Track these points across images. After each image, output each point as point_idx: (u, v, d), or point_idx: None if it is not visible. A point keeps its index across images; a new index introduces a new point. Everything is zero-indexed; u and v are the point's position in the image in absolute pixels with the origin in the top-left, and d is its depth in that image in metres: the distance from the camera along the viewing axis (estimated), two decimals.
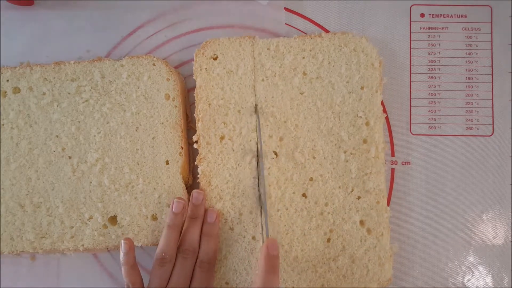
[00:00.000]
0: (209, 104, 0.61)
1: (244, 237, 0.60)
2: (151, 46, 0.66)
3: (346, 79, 0.61)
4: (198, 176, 0.60)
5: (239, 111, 0.61)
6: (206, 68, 0.61)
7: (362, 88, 0.61)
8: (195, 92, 0.61)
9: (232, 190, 0.60)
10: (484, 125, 0.65)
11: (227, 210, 0.60)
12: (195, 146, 0.61)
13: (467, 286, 0.63)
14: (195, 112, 0.61)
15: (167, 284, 0.56)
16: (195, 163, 0.61)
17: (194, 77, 0.61)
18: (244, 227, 0.60)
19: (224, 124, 0.61)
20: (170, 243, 0.56)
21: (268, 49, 0.62)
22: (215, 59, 0.62)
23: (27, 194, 0.61)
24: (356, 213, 0.60)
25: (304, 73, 0.61)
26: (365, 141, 0.60)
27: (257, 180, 0.60)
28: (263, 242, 0.59)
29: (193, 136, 0.61)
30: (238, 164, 0.60)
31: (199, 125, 0.61)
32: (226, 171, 0.60)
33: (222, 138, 0.61)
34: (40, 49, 0.66)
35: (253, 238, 0.60)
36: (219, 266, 0.59)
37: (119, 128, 0.62)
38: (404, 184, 0.65)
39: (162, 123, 0.61)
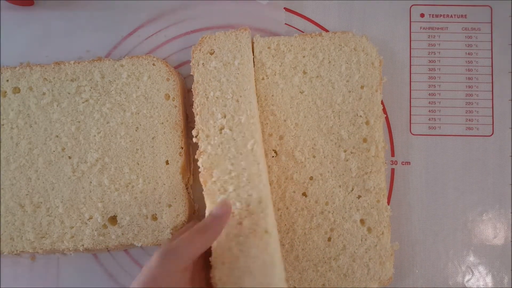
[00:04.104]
0: (206, 98, 0.59)
1: (255, 231, 0.53)
2: (151, 46, 0.67)
3: (346, 78, 0.61)
4: (199, 170, 0.57)
5: (237, 100, 0.59)
6: (203, 63, 0.61)
7: (362, 87, 0.61)
8: (192, 88, 0.60)
9: (236, 180, 0.55)
10: (484, 125, 0.65)
11: (232, 202, 0.54)
12: (194, 140, 0.58)
13: (467, 286, 0.63)
14: (193, 107, 0.59)
15: None
16: (195, 156, 0.58)
17: (191, 73, 0.60)
18: (254, 219, 0.53)
19: (222, 114, 0.58)
20: None
21: (268, 47, 0.62)
22: (211, 53, 0.61)
23: (27, 194, 0.61)
24: (356, 212, 0.60)
25: (304, 72, 0.61)
26: (365, 140, 0.60)
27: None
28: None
29: (193, 131, 0.59)
30: (240, 153, 0.56)
31: (197, 119, 0.59)
32: (228, 161, 0.56)
33: (221, 128, 0.58)
34: (40, 49, 0.66)
35: (266, 231, 0.53)
36: (231, 268, 0.52)
37: (119, 128, 0.62)
38: (404, 184, 0.65)
39: (162, 123, 0.61)
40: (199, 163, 0.57)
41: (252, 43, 0.62)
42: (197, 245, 0.49)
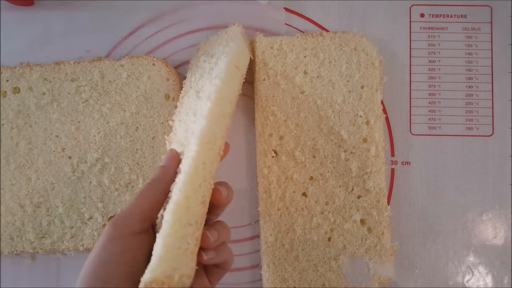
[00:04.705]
0: (190, 86, 0.56)
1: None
2: (151, 46, 0.66)
3: (346, 78, 0.61)
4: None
5: (210, 70, 0.54)
6: (196, 63, 0.59)
7: (362, 87, 0.61)
8: (183, 83, 0.58)
9: (183, 146, 0.48)
10: (484, 125, 0.65)
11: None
12: (170, 123, 0.55)
13: (467, 286, 0.63)
14: (179, 95, 0.57)
15: None
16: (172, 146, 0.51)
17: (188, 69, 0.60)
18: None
19: (195, 88, 0.54)
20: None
21: (271, 47, 0.62)
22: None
23: (27, 194, 0.61)
24: (356, 212, 0.60)
25: (305, 72, 0.61)
26: (365, 140, 0.60)
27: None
28: None
29: (174, 116, 0.55)
30: (195, 114, 0.49)
31: (178, 104, 0.56)
32: (183, 128, 0.50)
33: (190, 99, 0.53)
34: (40, 49, 0.66)
35: (178, 172, 0.45)
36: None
37: (119, 128, 0.62)
38: (404, 184, 0.64)
39: (162, 123, 0.61)
40: (166, 141, 0.54)
41: (255, 42, 0.62)
42: (144, 202, 0.45)
